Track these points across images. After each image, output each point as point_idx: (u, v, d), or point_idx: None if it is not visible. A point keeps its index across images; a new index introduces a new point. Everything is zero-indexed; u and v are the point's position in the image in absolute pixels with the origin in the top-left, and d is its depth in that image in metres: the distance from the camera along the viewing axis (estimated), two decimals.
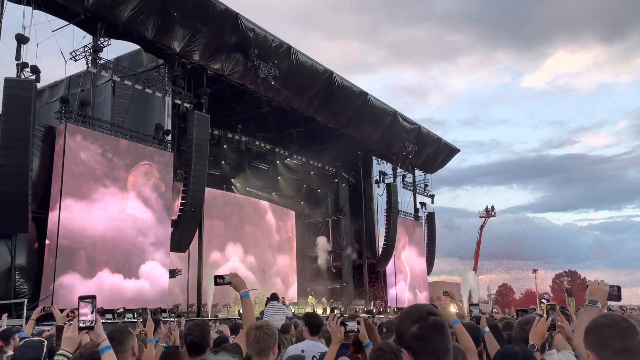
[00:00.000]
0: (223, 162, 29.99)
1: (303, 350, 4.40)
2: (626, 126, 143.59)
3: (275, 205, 34.37)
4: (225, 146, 28.20)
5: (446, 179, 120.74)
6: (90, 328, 2.72)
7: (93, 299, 2.76)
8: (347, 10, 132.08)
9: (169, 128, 22.03)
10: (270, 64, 23.57)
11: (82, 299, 2.75)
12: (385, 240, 34.12)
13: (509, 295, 70.74)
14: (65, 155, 18.40)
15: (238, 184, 32.60)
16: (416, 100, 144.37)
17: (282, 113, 27.99)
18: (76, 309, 2.78)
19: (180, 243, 22.08)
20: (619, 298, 3.02)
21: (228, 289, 3.84)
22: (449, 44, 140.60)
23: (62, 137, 18.55)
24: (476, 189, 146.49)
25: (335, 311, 23.78)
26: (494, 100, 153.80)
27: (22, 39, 17.56)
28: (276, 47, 24.39)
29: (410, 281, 37.08)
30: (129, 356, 3.26)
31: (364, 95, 29.90)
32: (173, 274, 22.09)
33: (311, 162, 33.15)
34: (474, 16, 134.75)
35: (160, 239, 21.08)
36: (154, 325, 5.26)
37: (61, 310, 5.73)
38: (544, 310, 3.29)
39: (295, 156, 31.96)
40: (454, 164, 58.13)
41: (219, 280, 3.72)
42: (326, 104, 28.33)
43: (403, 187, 36.75)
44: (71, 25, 19.62)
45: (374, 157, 36.55)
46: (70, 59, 20.19)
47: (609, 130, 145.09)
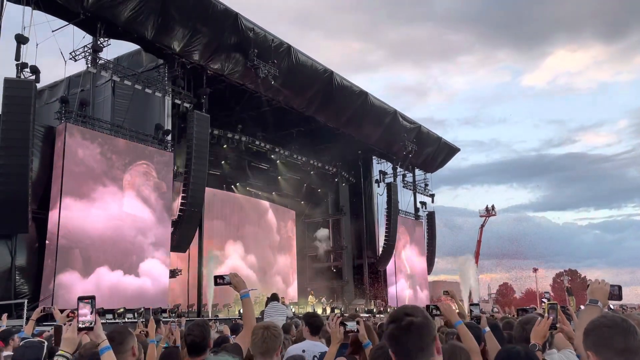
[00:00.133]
0: (223, 162, 29.98)
1: (304, 350, 4.40)
2: (626, 125, 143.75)
3: (276, 205, 34.37)
4: (225, 146, 28.18)
5: (446, 178, 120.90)
6: (90, 329, 2.72)
7: (92, 299, 2.75)
8: (347, 9, 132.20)
9: (169, 128, 22.03)
10: (270, 64, 23.57)
11: (82, 299, 2.75)
12: (385, 239, 34.14)
13: (509, 295, 70.72)
14: (65, 155, 18.40)
15: (238, 184, 32.60)
16: (416, 100, 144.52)
17: (282, 113, 27.98)
18: (76, 310, 2.77)
19: (180, 243, 22.08)
20: (620, 297, 3.01)
21: (228, 289, 3.83)
22: (449, 43, 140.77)
23: (62, 137, 18.55)
24: (476, 188, 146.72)
25: (336, 311, 23.80)
26: (494, 99, 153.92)
27: (22, 39, 17.57)
28: (276, 47, 24.39)
29: (410, 280, 37.10)
30: (129, 357, 3.25)
31: (364, 94, 29.89)
32: (173, 273, 22.09)
33: (311, 162, 33.14)
34: (474, 15, 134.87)
35: (160, 239, 21.08)
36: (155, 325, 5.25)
37: (61, 310, 5.73)
38: (544, 310, 3.29)
39: (295, 156, 31.94)
40: (454, 163, 58.20)
41: (219, 280, 3.72)
42: (326, 103, 28.33)
43: (403, 187, 36.78)
44: (71, 26, 19.62)
45: (374, 157, 36.57)
46: (70, 59, 20.25)
47: (609, 129, 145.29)
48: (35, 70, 17.66)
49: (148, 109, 22.13)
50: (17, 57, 17.53)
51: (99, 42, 19.78)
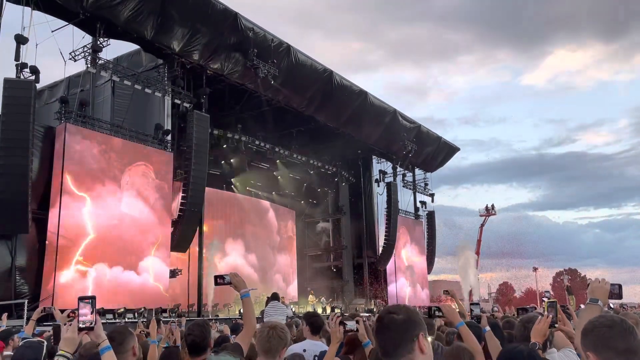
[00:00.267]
0: (223, 162, 29.97)
1: (305, 350, 4.40)
2: (626, 124, 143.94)
3: (276, 205, 34.37)
4: (225, 146, 28.17)
5: (446, 177, 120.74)
6: (90, 329, 2.72)
7: (93, 299, 2.75)
8: (347, 9, 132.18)
9: (169, 128, 22.03)
10: (270, 64, 23.57)
11: (82, 299, 2.75)
12: (385, 239, 34.14)
13: (509, 294, 70.72)
14: (65, 155, 18.39)
15: (238, 184, 32.58)
16: (416, 99, 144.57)
17: (282, 112, 27.98)
18: (76, 310, 2.77)
19: (180, 243, 22.07)
20: (620, 296, 3.01)
21: (228, 289, 3.83)
22: (449, 42, 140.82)
23: (62, 138, 18.54)
24: (476, 187, 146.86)
25: (336, 310, 23.79)
26: (493, 98, 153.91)
27: (22, 40, 17.56)
28: (275, 47, 24.38)
29: (410, 280, 37.10)
30: (130, 356, 3.26)
31: (363, 94, 29.89)
32: (173, 273, 22.08)
33: (311, 162, 33.15)
34: (473, 15, 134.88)
35: (160, 239, 21.08)
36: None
37: (62, 310, 5.73)
38: (544, 308, 3.29)
39: (295, 155, 31.94)
40: (454, 162, 58.13)
41: (219, 280, 3.71)
42: (326, 103, 28.32)
43: (403, 186, 36.77)
44: (70, 26, 19.62)
45: (374, 156, 36.56)
46: (70, 59, 20.24)
47: (609, 128, 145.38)
48: (34, 71, 17.65)
49: (148, 109, 22.12)
50: (17, 58, 17.51)
51: (98, 42, 19.77)
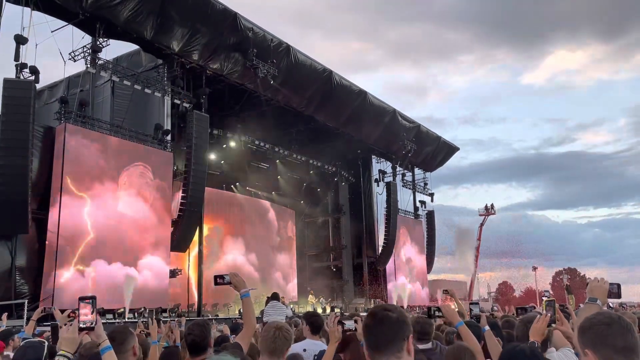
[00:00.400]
0: (223, 162, 29.98)
1: (305, 349, 4.41)
2: (626, 123, 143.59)
3: (275, 205, 34.38)
4: (225, 146, 28.18)
5: (446, 177, 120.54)
6: (91, 329, 2.73)
7: (93, 299, 2.76)
8: (346, 9, 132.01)
9: (169, 128, 22.03)
10: (269, 64, 23.57)
11: (82, 299, 2.75)
12: (385, 238, 34.15)
13: (508, 293, 70.73)
14: (65, 155, 18.38)
15: (238, 184, 32.60)
16: (415, 99, 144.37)
17: (282, 112, 27.97)
18: (77, 310, 2.78)
19: (180, 243, 22.08)
20: (619, 295, 3.02)
21: (228, 289, 3.83)
22: (448, 42, 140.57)
23: (62, 138, 18.53)
24: (476, 187, 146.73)
25: (336, 310, 23.82)
26: (493, 98, 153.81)
27: (21, 40, 17.55)
28: (275, 47, 24.39)
29: (410, 279, 37.11)
30: (130, 356, 3.26)
31: (363, 94, 29.89)
32: (173, 273, 22.09)
33: (311, 161, 33.16)
34: (472, 14, 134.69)
35: (160, 239, 21.09)
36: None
37: (62, 310, 5.74)
38: (543, 307, 3.31)
39: (294, 155, 31.95)
40: (454, 162, 57.97)
41: (219, 280, 3.71)
42: (325, 103, 28.32)
43: (403, 186, 36.79)
44: (70, 26, 19.61)
45: (373, 156, 36.57)
46: (69, 59, 20.24)
47: (608, 127, 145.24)
48: (34, 71, 17.64)
49: (147, 109, 22.12)
50: (17, 58, 17.51)
51: (98, 43, 19.77)
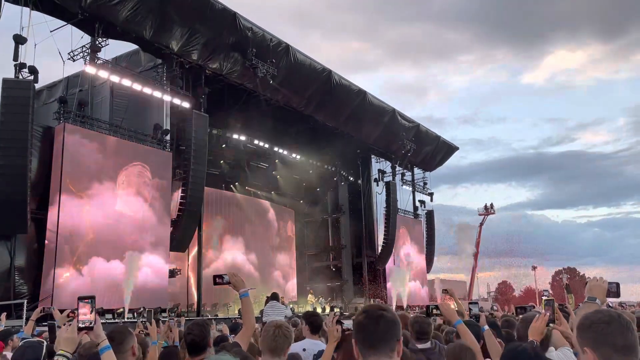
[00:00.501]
0: (222, 162, 29.98)
1: (305, 349, 4.42)
2: (625, 123, 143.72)
3: (275, 204, 34.39)
4: (224, 146, 28.18)
5: (445, 176, 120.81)
6: (90, 328, 2.72)
7: (92, 299, 2.76)
8: (345, 9, 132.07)
9: (168, 128, 22.01)
10: (269, 63, 23.56)
11: (81, 299, 2.75)
12: (384, 238, 34.13)
13: (508, 293, 70.78)
14: (64, 155, 18.37)
15: (237, 183, 32.61)
16: (415, 99, 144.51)
17: (281, 112, 27.96)
18: (76, 309, 2.78)
19: (179, 242, 22.07)
20: (618, 295, 3.02)
21: (228, 288, 3.83)
22: (448, 42, 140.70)
23: (61, 138, 18.52)
24: (475, 186, 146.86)
25: (336, 309, 23.81)
26: (492, 98, 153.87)
27: (20, 40, 17.53)
28: (274, 46, 24.37)
29: (410, 279, 37.09)
30: (129, 356, 3.26)
31: (362, 93, 29.88)
32: (172, 273, 22.08)
33: (310, 161, 33.18)
34: (472, 14, 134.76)
35: (159, 239, 21.07)
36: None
37: (61, 310, 5.73)
38: (542, 307, 3.31)
39: (294, 155, 31.95)
40: (453, 161, 58.00)
41: (218, 280, 3.71)
42: (325, 102, 28.31)
43: (402, 185, 36.76)
44: (69, 26, 19.60)
45: (373, 156, 36.53)
46: (69, 59, 20.24)
47: (607, 127, 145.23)
48: (33, 71, 17.62)
49: (147, 109, 22.09)
50: (16, 58, 17.49)
51: (97, 42, 19.75)
